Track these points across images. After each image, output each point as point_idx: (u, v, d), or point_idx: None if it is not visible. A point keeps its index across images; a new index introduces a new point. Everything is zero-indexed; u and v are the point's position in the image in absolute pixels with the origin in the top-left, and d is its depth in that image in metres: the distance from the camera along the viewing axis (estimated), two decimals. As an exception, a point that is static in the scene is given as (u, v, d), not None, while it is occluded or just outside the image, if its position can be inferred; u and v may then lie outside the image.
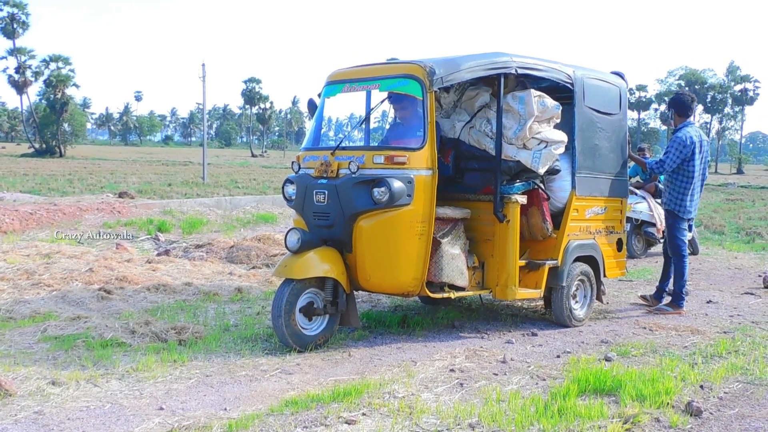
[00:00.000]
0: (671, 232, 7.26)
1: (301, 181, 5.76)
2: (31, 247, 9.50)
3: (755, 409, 4.35)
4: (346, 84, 5.95)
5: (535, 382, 4.80)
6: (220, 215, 14.05)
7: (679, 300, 7.21)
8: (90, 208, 12.80)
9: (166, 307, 6.63)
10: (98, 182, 25.07)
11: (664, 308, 7.22)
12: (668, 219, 7.31)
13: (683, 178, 7.10)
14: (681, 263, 7.21)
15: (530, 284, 6.22)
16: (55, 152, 62.92)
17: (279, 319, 5.24)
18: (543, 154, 6.02)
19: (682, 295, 7.20)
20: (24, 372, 4.61)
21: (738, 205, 23.04)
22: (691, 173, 7.07)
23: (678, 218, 7.17)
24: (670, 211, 7.21)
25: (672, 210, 7.19)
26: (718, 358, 5.50)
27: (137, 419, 3.93)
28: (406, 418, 3.99)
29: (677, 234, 7.20)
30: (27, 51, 65.27)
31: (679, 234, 7.20)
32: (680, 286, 7.20)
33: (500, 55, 5.96)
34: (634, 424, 3.99)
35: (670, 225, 7.28)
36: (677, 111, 7.29)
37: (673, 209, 7.17)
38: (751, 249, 12.73)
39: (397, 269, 5.43)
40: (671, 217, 7.24)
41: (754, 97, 74.95)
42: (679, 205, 7.12)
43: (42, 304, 6.44)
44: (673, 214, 7.20)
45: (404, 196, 5.30)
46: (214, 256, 9.64)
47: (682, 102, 7.30)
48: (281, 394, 4.39)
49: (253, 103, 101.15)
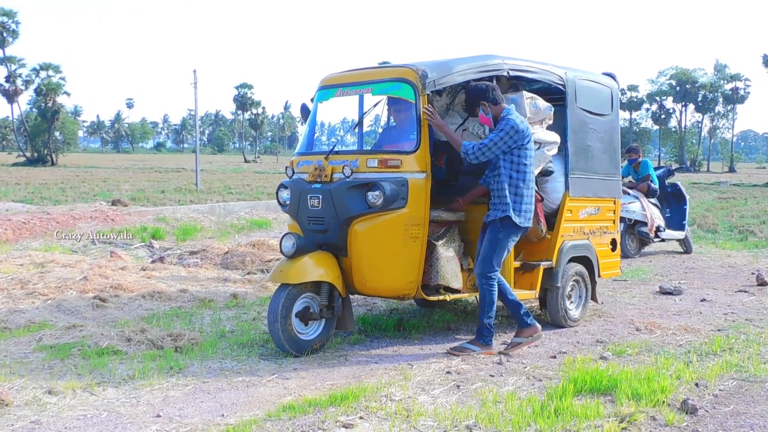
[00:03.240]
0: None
1: (296, 186, 5.76)
2: (24, 257, 9.47)
3: (750, 406, 4.37)
4: (338, 88, 5.97)
5: (532, 382, 4.81)
6: (214, 221, 14.03)
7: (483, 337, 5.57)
8: (83, 216, 12.76)
9: (161, 315, 6.62)
10: (91, 190, 25.00)
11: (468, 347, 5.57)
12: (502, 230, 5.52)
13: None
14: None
15: (525, 285, 6.24)
16: (47, 161, 62.68)
17: (275, 324, 5.24)
18: (536, 156, 6.04)
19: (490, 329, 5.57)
20: (20, 382, 4.60)
21: (731, 203, 23.11)
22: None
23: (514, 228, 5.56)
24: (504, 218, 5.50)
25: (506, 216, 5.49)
26: (713, 356, 5.52)
27: (134, 427, 3.92)
28: (403, 421, 4.00)
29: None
30: (17, 60, 65.01)
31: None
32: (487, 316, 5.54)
33: (492, 57, 5.98)
34: (631, 423, 4.00)
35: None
36: (482, 100, 5.54)
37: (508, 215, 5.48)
38: (744, 247, 12.79)
39: (392, 272, 5.44)
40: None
41: (745, 95, 75.22)
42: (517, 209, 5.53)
43: (37, 313, 6.42)
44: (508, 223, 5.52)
45: (398, 200, 5.31)
46: (209, 262, 9.63)
47: (479, 91, 5.55)
48: (278, 399, 4.39)
49: (246, 109, 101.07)
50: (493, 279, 5.45)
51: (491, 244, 5.46)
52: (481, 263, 5.48)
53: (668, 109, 79.92)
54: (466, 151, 5.41)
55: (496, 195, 5.49)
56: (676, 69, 77.28)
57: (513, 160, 5.44)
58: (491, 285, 5.45)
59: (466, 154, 5.41)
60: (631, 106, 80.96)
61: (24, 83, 65.66)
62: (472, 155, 5.40)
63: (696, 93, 75.84)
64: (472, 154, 5.39)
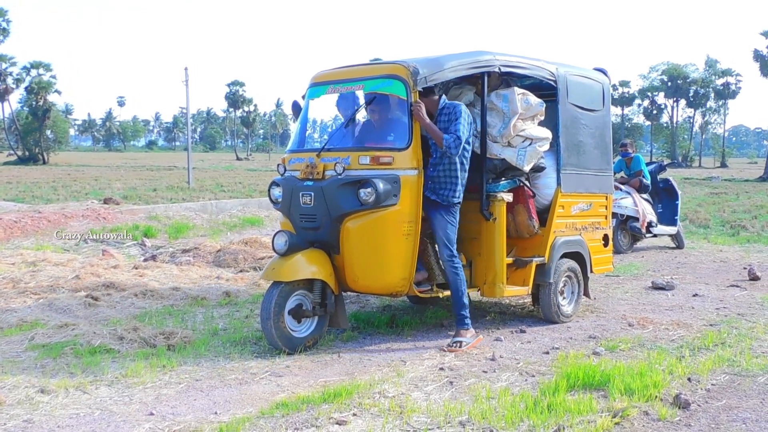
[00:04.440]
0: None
1: (287, 184, 5.75)
2: (16, 256, 9.43)
3: (742, 400, 4.39)
4: (330, 85, 5.96)
5: (525, 378, 4.82)
6: (206, 219, 14.00)
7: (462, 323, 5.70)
8: (75, 215, 12.71)
9: (154, 313, 6.60)
10: (83, 189, 24.94)
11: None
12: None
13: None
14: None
15: (518, 281, 6.25)
16: (38, 159, 62.52)
17: (268, 321, 5.23)
18: (528, 152, 6.05)
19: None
20: (12, 381, 4.58)
21: (722, 198, 23.22)
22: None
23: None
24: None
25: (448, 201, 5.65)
26: (705, 350, 5.54)
27: (127, 425, 3.91)
28: (396, 418, 4.00)
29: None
30: (8, 58, 64.76)
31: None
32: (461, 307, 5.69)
33: (483, 53, 5.98)
34: (623, 417, 4.01)
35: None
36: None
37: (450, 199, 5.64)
38: (736, 242, 12.84)
39: (384, 269, 5.44)
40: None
41: (736, 90, 75.52)
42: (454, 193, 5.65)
43: (29, 312, 6.40)
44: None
45: (390, 197, 5.30)
46: (201, 260, 9.61)
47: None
48: (271, 396, 4.39)
49: (237, 107, 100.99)
50: (458, 258, 5.68)
51: (449, 227, 5.62)
52: (448, 245, 5.61)
53: (660, 105, 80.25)
54: (448, 145, 5.42)
55: (443, 180, 5.57)
56: (668, 65, 77.58)
57: (463, 146, 5.55)
58: (459, 264, 5.66)
59: (448, 148, 5.42)
60: (623, 101, 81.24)
61: (14, 82, 65.48)
62: (454, 149, 5.42)
63: (687, 88, 76.15)
64: (454, 148, 5.42)
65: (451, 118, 5.50)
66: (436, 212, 5.63)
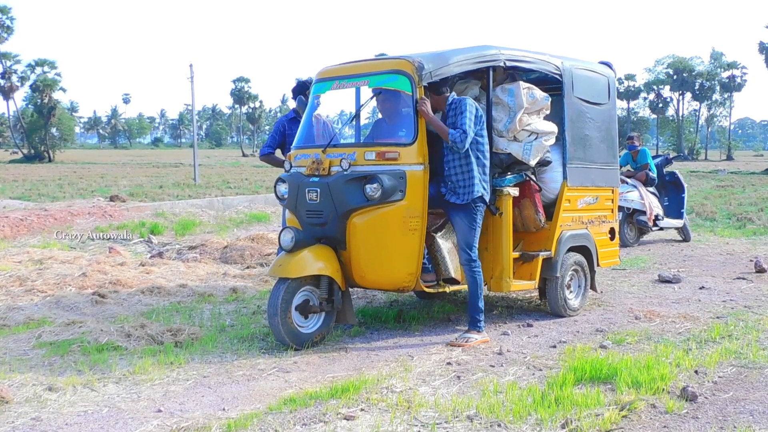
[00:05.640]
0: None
1: (293, 180, 5.75)
2: (23, 254, 9.46)
3: (749, 392, 4.38)
4: (335, 81, 5.95)
5: (532, 372, 4.82)
6: (213, 216, 14.02)
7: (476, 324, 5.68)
8: (81, 212, 12.74)
9: (161, 310, 6.62)
10: (89, 186, 25.00)
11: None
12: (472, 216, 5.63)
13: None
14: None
15: (524, 276, 6.24)
16: (43, 157, 62.63)
17: (275, 317, 5.24)
18: (534, 146, 6.04)
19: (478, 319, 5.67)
20: (20, 379, 4.60)
21: (729, 191, 23.15)
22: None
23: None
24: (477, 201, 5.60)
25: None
26: (712, 343, 5.53)
27: (135, 422, 3.92)
28: (404, 413, 4.00)
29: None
30: (12, 56, 64.87)
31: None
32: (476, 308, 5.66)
33: (488, 48, 5.97)
34: (631, 410, 4.01)
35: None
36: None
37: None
38: (742, 234, 12.80)
39: (391, 265, 5.44)
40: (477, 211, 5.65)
41: (742, 83, 75.17)
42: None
43: (36, 310, 6.42)
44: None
45: (396, 192, 5.30)
46: (208, 257, 9.63)
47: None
48: (279, 392, 4.40)
49: (243, 103, 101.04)
50: (477, 261, 5.62)
51: (468, 230, 5.57)
52: (466, 248, 5.57)
53: (665, 98, 79.90)
54: (454, 140, 5.39)
55: (459, 177, 5.52)
56: (673, 58, 77.20)
57: (476, 140, 5.52)
58: (477, 267, 5.61)
59: (454, 142, 5.40)
60: (629, 95, 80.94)
61: (20, 80, 65.54)
62: (460, 143, 5.40)
63: (693, 81, 75.80)
64: (460, 142, 5.40)
65: (457, 112, 5.49)
66: (455, 214, 5.61)
